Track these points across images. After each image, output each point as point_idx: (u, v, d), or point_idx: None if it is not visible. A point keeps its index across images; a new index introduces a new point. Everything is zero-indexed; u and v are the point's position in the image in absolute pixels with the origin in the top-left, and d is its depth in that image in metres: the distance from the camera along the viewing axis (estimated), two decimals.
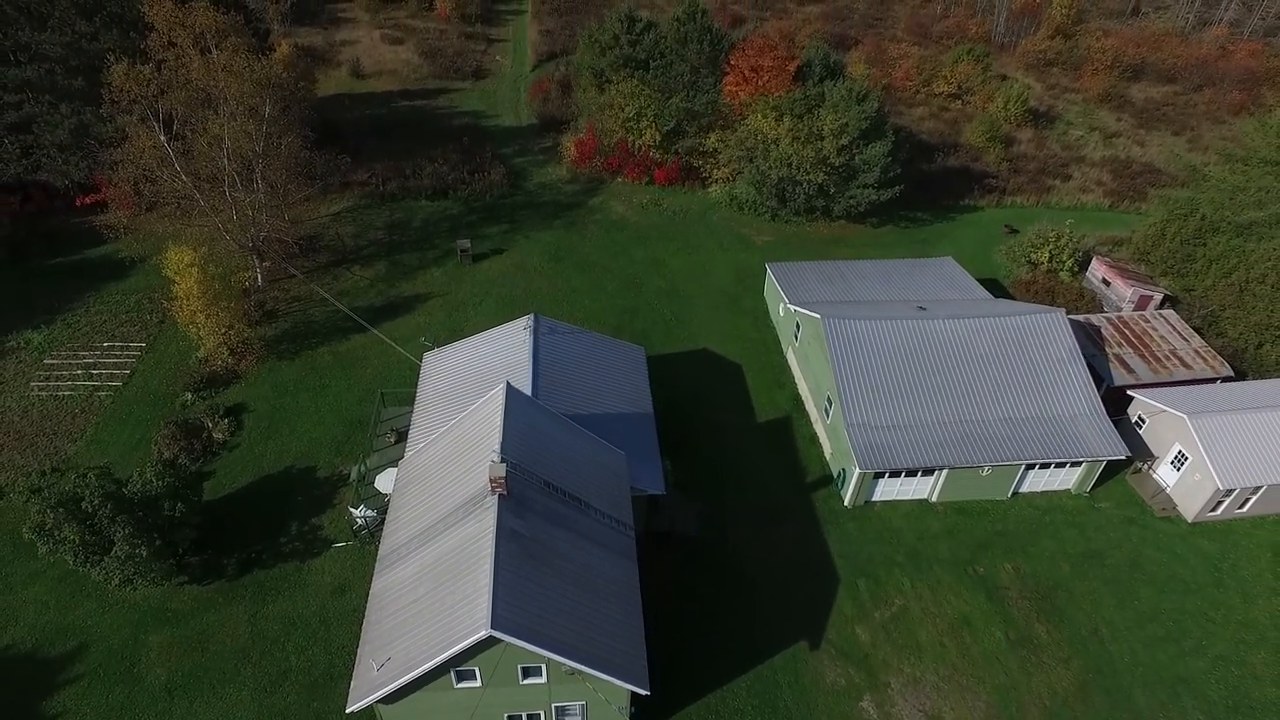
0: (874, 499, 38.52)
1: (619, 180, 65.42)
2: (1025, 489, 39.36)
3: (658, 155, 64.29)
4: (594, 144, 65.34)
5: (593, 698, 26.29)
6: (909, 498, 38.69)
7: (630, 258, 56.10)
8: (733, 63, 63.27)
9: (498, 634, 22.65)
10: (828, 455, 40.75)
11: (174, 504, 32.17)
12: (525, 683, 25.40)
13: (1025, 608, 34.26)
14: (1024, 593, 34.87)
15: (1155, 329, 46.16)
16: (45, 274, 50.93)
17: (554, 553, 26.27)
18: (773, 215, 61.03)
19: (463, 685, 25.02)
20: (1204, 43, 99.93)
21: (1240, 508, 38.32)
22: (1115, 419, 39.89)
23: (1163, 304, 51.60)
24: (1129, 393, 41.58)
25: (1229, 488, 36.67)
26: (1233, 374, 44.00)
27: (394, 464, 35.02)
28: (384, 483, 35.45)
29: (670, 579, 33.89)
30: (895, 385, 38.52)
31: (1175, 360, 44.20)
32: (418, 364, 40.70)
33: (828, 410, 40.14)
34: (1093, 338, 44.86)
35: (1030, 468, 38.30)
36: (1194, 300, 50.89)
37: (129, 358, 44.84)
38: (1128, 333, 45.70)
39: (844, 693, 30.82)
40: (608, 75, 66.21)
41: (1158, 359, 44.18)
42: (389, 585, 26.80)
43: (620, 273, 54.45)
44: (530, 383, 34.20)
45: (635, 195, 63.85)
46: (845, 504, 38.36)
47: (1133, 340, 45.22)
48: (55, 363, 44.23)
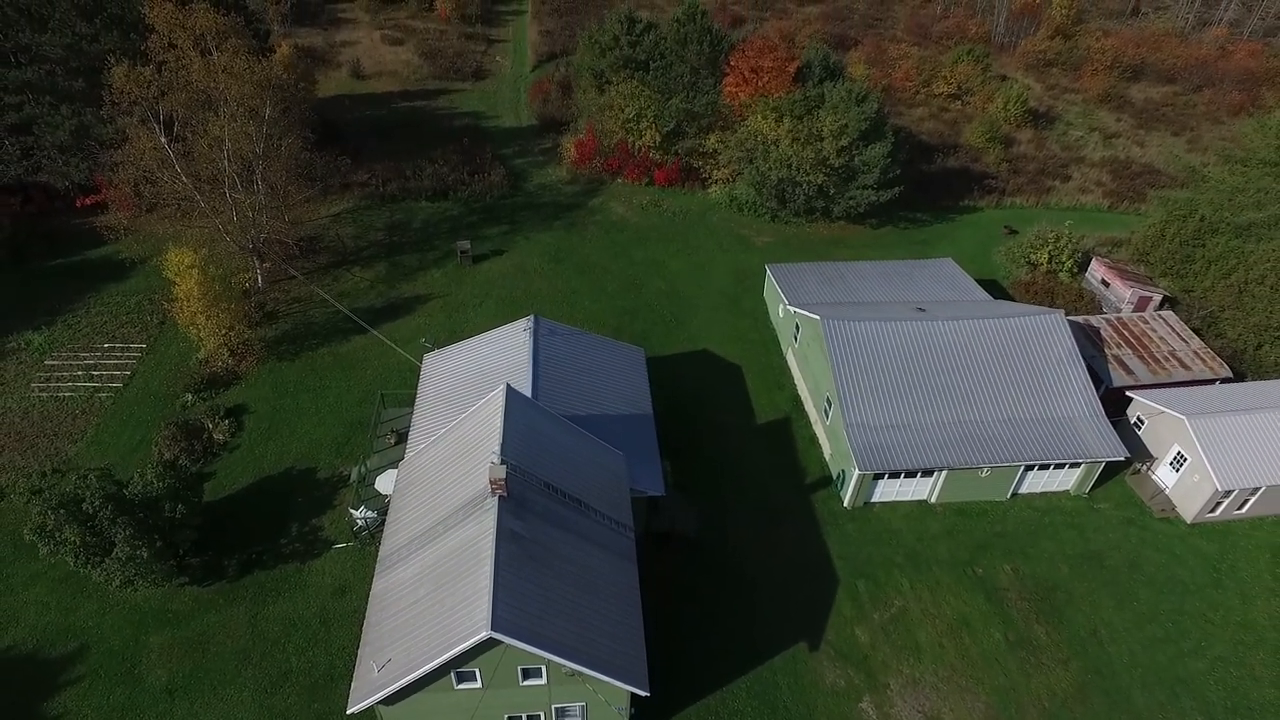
0: (873, 500, 38.60)
1: (619, 181, 65.47)
2: (1024, 490, 39.45)
3: (657, 156, 64.34)
4: (594, 145, 65.38)
5: (593, 699, 26.38)
6: (908, 499, 38.78)
7: (630, 259, 56.17)
8: (733, 64, 63.32)
9: (498, 635, 22.74)
10: (827, 456, 40.82)
11: (175, 505, 32.29)
12: (525, 684, 25.50)
13: (1024, 609, 34.34)
14: (1023, 594, 34.95)
15: (1154, 330, 46.19)
16: (46, 275, 51.02)
17: (554, 554, 26.35)
18: (772, 216, 61.09)
19: (463, 686, 25.12)
20: (1204, 43, 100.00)
21: (1239, 509, 38.40)
22: (1114, 420, 39.99)
23: (1162, 305, 51.64)
24: (1128, 394, 41.66)
25: (1227, 489, 36.76)
26: (1231, 375, 44.04)
27: (394, 465, 35.08)
28: (384, 484, 35.52)
29: (670, 580, 33.96)
30: (894, 386, 38.59)
31: (1174, 361, 44.25)
32: (418, 365, 40.77)
33: (827, 411, 40.21)
34: (1092, 339, 44.91)
35: (1029, 469, 38.38)
36: (1193, 301, 50.97)
37: (129, 359, 44.92)
38: (1127, 334, 45.74)
39: (843, 694, 30.90)
40: (608, 76, 66.28)
41: (1157, 360, 44.23)
42: (389, 586, 26.89)
43: (620, 274, 54.51)
44: (530, 384, 34.26)
45: (635, 196, 63.91)
46: (845, 505, 38.44)
47: (1132, 341, 45.27)
48: (56, 364, 44.31)
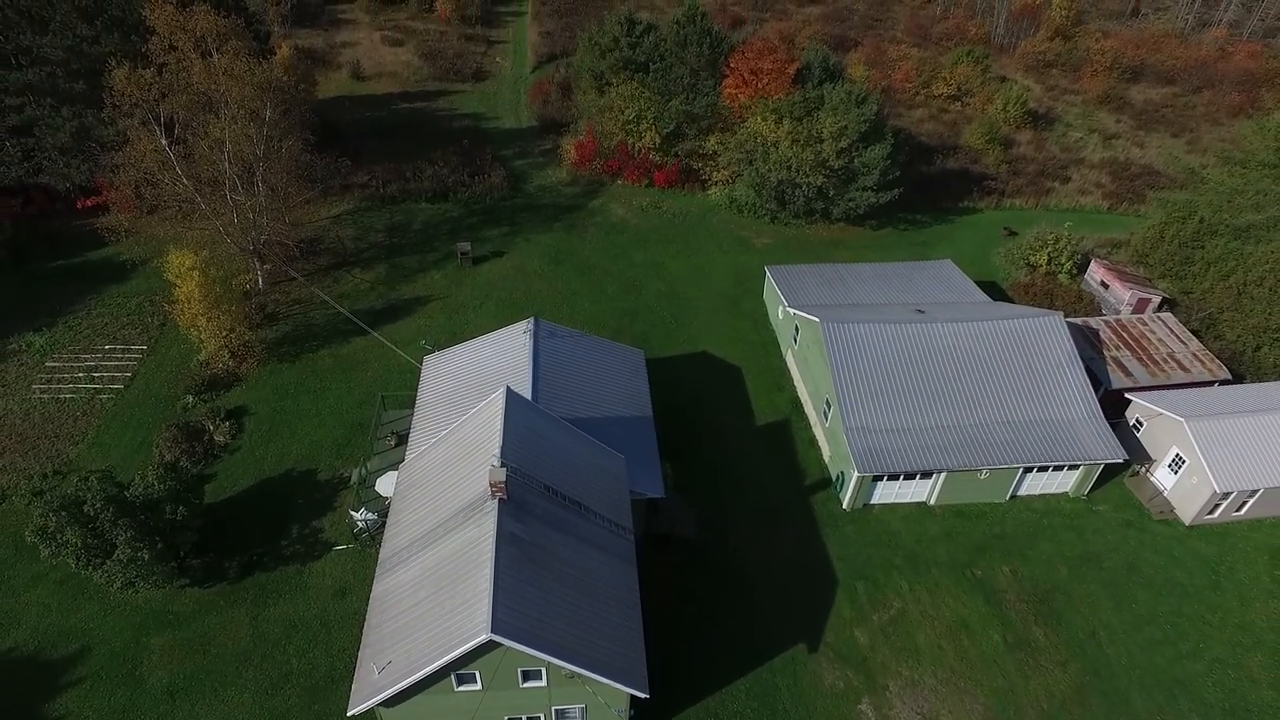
0: (872, 502, 38.68)
1: (619, 183, 65.54)
2: (1023, 492, 39.53)
3: (657, 158, 64.42)
4: (594, 146, 65.45)
5: (592, 701, 26.47)
6: (907, 500, 38.85)
7: (630, 260, 56.24)
8: (732, 65, 63.38)
9: (498, 638, 22.81)
10: (826, 458, 40.89)
11: (175, 507, 32.35)
12: (525, 686, 25.60)
13: (1023, 610, 34.42)
14: (1022, 596, 35.03)
15: (1153, 332, 46.25)
16: (47, 276, 51.11)
17: (554, 557, 26.43)
18: (772, 218, 61.16)
19: (463, 689, 25.21)
20: (1203, 44, 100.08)
21: (1237, 510, 38.48)
22: (1113, 422, 40.05)
23: (1161, 307, 51.72)
24: (1127, 396, 41.75)
25: (1226, 491, 36.85)
26: (1230, 377, 44.12)
27: (394, 467, 35.15)
28: (384, 486, 35.63)
29: (670, 582, 34.04)
30: (894, 389, 38.66)
31: (1173, 363, 44.31)
32: (418, 367, 40.85)
33: (826, 413, 40.29)
34: (1091, 341, 44.98)
35: (1028, 471, 38.46)
36: (1192, 303, 51.05)
37: (130, 360, 45.00)
38: (1126, 336, 45.80)
39: (842, 695, 30.98)
40: (608, 78, 66.35)
41: (1155, 362, 44.30)
42: (390, 589, 26.96)
43: (620, 275, 54.59)
44: (530, 386, 34.32)
45: (635, 198, 63.98)
46: (844, 507, 38.52)
47: (1131, 343, 45.33)
48: (57, 365, 44.39)
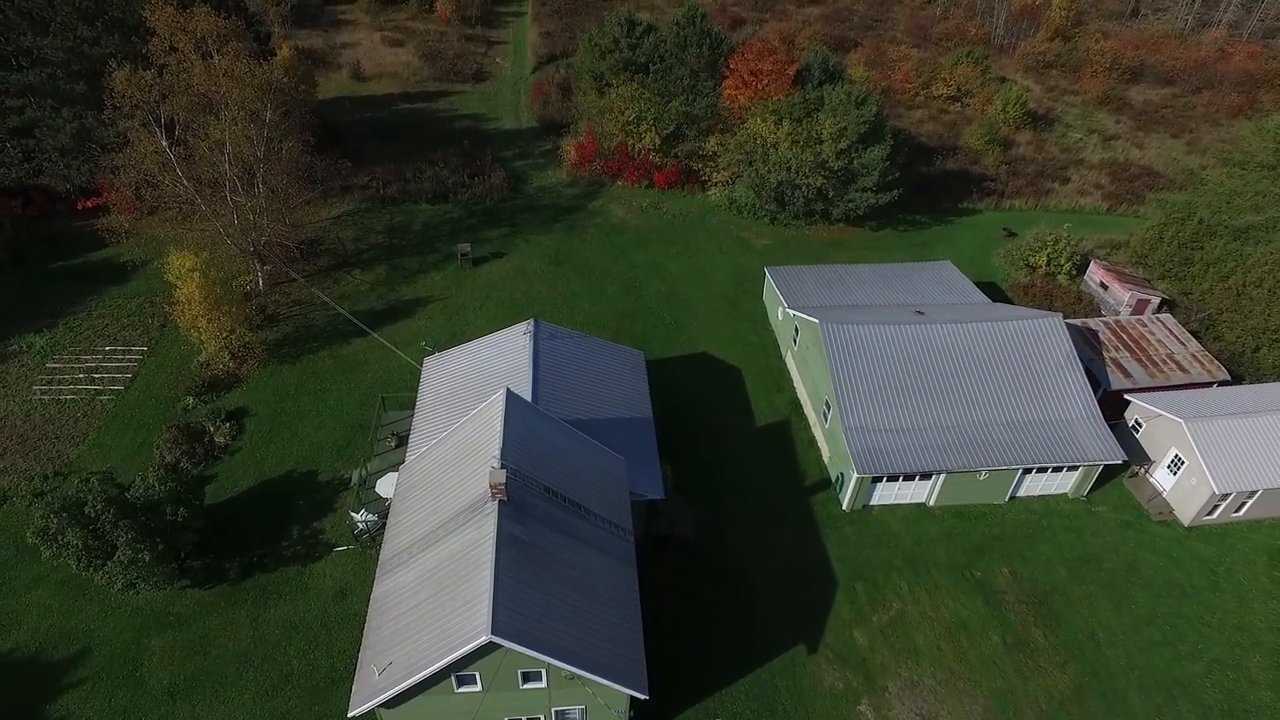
0: (872, 503, 38.74)
1: (619, 184, 65.59)
2: (1022, 493, 39.59)
3: (657, 159, 64.46)
4: (594, 147, 65.51)
5: (592, 702, 26.52)
6: (907, 502, 38.91)
7: (630, 261, 56.30)
8: (732, 66, 63.46)
9: (498, 639, 22.87)
10: (826, 459, 40.95)
11: (176, 508, 32.41)
12: (525, 687, 25.67)
13: (1022, 612, 34.48)
14: (1021, 597, 35.09)
15: (1152, 333, 46.30)
16: (47, 277, 51.16)
17: (554, 558, 26.49)
18: (772, 218, 61.22)
19: (463, 690, 25.27)
20: (1203, 45, 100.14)
21: (1236, 512, 38.54)
22: (1112, 423, 40.11)
23: (1160, 308, 51.78)
24: (1126, 397, 41.81)
25: (1225, 492, 36.91)
26: (1229, 378, 44.18)
27: (395, 468, 35.19)
28: (385, 487, 35.69)
29: (670, 583, 34.10)
30: (893, 390, 38.72)
31: (1172, 364, 44.37)
32: (418, 368, 40.92)
33: (826, 414, 40.35)
34: (1090, 342, 45.04)
35: (1027, 472, 38.51)
36: (1191, 304, 51.11)
37: (131, 361, 45.05)
38: (1125, 337, 45.86)
39: (842, 696, 31.04)
40: (608, 78, 66.45)
41: (1155, 363, 44.36)
42: (390, 590, 27.02)
43: (620, 276, 54.65)
44: (530, 388, 34.37)
45: (635, 199, 64.04)
46: (843, 508, 38.58)
47: (1130, 344, 45.39)
48: (57, 366, 44.45)
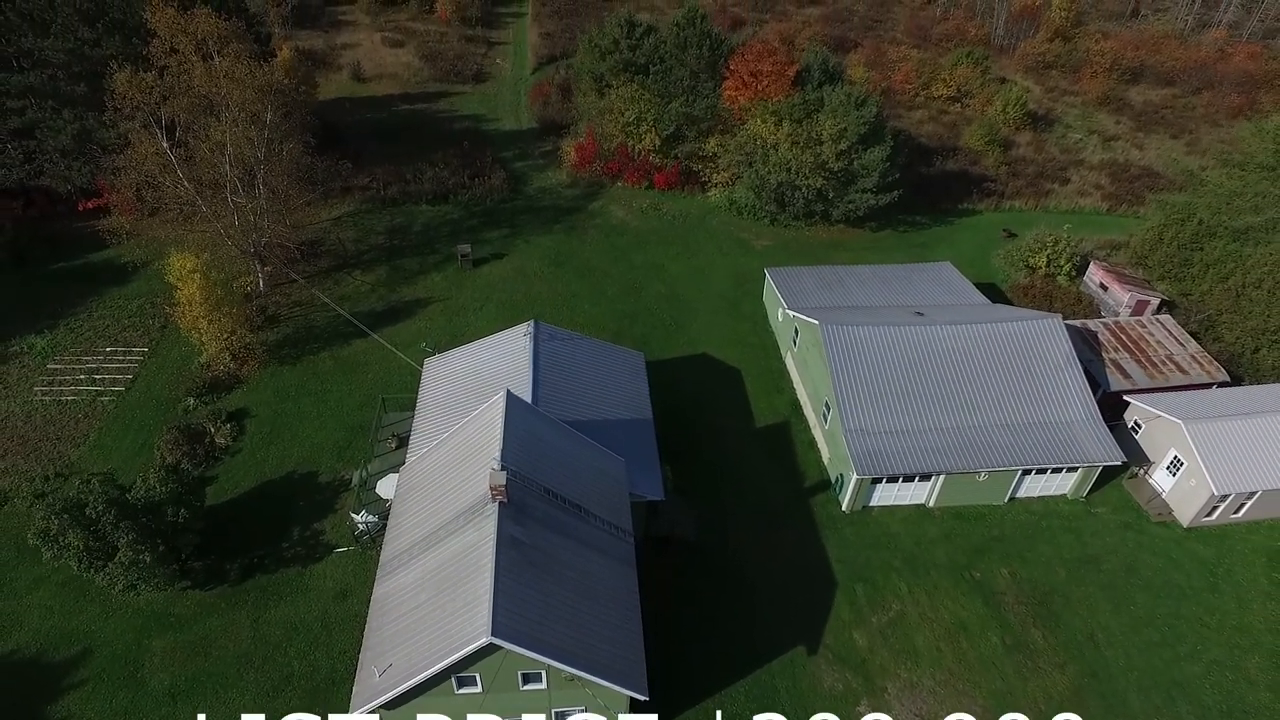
0: (872, 504, 38.78)
1: (619, 185, 65.62)
2: (1022, 494, 39.63)
3: (657, 160, 64.50)
4: (594, 148, 65.54)
5: (592, 703, 26.56)
6: (906, 503, 38.95)
7: (630, 262, 56.34)
8: (732, 67, 63.49)
9: (498, 641, 22.94)
10: (826, 460, 40.99)
11: (177, 509, 32.45)
12: (525, 689, 25.73)
13: (1021, 613, 34.53)
14: (1020, 598, 35.14)
15: (1152, 334, 46.34)
16: (48, 278, 51.21)
17: (554, 560, 26.55)
18: (772, 219, 61.26)
19: (463, 691, 25.33)
20: (1203, 45, 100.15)
21: (1235, 513, 38.58)
22: (1112, 424, 40.15)
23: (1160, 309, 51.80)
24: (1125, 398, 41.85)
25: (1224, 493, 36.96)
26: (1229, 379, 44.22)
27: (395, 469, 35.26)
28: (385, 488, 35.75)
29: (670, 584, 34.13)
30: (893, 391, 38.76)
31: (1172, 365, 44.42)
32: (418, 369, 40.96)
33: (826, 415, 40.39)
34: (1090, 343, 45.09)
35: (1027, 473, 38.56)
36: (1191, 305, 51.15)
37: (131, 362, 45.10)
38: (1124, 338, 45.91)
39: (841, 697, 31.07)
40: (608, 79, 66.49)
41: (1154, 364, 44.40)
42: (390, 591, 27.08)
43: (620, 278, 54.69)
44: (530, 389, 34.42)
45: (635, 200, 64.08)
46: (843, 509, 38.63)
47: (1129, 345, 45.44)
48: (58, 367, 44.49)
